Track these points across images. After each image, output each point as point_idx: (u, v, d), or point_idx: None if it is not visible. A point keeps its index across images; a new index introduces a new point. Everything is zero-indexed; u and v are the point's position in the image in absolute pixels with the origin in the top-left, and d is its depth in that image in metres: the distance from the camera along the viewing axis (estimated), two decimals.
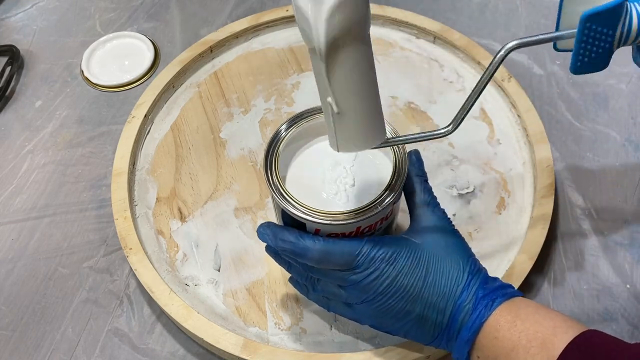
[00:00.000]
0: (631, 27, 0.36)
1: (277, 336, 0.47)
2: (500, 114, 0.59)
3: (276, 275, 0.50)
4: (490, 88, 0.60)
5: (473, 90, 0.37)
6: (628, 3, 0.36)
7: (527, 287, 0.49)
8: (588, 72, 0.38)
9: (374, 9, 0.66)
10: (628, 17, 0.36)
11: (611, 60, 0.62)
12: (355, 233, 0.40)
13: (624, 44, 0.37)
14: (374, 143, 0.39)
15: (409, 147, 0.42)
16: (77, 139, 0.61)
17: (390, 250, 0.38)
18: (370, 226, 0.41)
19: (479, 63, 0.61)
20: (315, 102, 0.59)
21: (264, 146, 0.47)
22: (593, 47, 0.36)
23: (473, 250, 0.51)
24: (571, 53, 0.37)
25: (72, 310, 0.50)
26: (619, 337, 0.35)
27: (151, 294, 0.47)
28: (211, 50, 0.64)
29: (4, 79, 0.65)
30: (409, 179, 0.42)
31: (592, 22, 0.35)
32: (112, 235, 0.54)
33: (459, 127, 0.39)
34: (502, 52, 0.36)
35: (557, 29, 0.39)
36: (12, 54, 0.67)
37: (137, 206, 0.54)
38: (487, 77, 0.37)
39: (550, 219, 0.50)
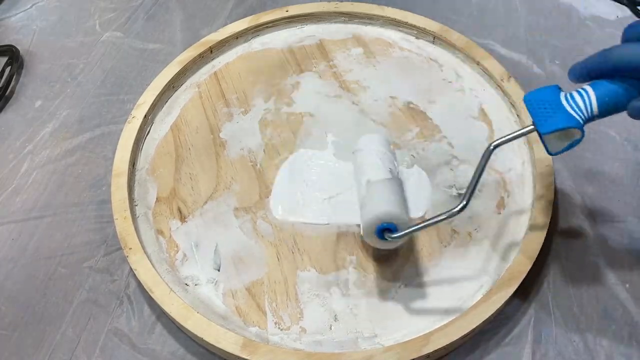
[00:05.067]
0: (581, 109, 0.43)
1: (277, 336, 0.47)
2: (499, 114, 0.59)
3: (276, 275, 0.50)
4: (489, 88, 0.60)
5: (471, 180, 0.44)
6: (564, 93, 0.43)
7: (527, 287, 0.49)
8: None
9: (374, 9, 0.66)
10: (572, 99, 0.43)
11: None
12: None
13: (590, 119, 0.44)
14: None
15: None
16: (77, 139, 0.61)
17: None
18: None
19: (478, 63, 0.61)
20: (314, 101, 0.59)
21: None
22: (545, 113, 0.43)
23: (472, 250, 0.51)
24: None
25: (72, 310, 0.50)
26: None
27: (151, 294, 0.47)
28: (211, 51, 0.64)
29: (4, 79, 0.65)
30: None
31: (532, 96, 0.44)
32: (112, 235, 0.54)
33: (470, 200, 0.44)
34: (490, 148, 0.43)
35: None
36: (12, 54, 0.67)
37: (137, 206, 0.54)
38: (479, 172, 0.43)
39: (549, 218, 0.50)
